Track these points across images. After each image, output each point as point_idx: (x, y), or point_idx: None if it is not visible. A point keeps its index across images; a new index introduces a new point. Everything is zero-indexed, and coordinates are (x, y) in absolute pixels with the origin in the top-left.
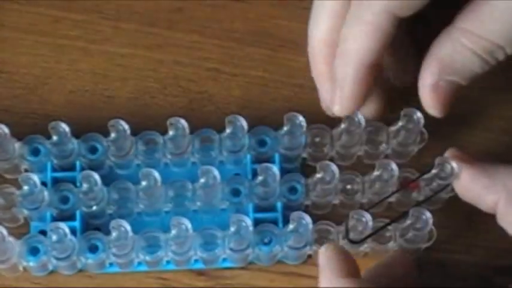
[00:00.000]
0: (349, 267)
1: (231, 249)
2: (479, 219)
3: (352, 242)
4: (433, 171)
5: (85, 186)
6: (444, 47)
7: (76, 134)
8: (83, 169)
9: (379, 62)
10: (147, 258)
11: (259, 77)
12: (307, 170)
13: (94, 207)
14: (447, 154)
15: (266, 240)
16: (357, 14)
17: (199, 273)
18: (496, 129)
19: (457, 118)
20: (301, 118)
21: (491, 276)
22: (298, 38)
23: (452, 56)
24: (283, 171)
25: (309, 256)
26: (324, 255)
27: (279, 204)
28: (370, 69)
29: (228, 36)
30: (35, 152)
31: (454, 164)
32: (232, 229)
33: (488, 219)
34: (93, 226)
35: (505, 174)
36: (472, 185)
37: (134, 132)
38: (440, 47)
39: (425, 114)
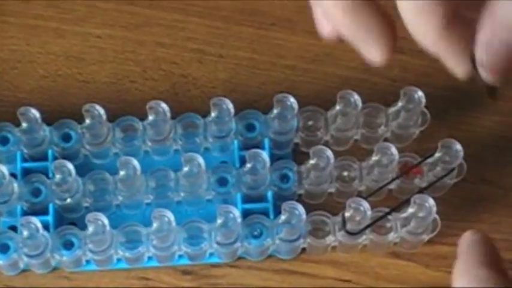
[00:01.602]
0: (491, 257)
1: (218, 243)
2: (488, 208)
3: (349, 233)
4: (437, 154)
5: (58, 177)
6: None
7: (48, 121)
8: (55, 159)
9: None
10: (127, 254)
11: (248, 58)
12: (299, 157)
13: (68, 200)
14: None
15: (256, 233)
16: None
17: (185, 271)
18: (505, 111)
19: (463, 99)
20: (292, 99)
21: None
22: (291, 16)
23: (507, 12)
24: (274, 158)
25: (303, 249)
26: (466, 240)
27: (269, 194)
28: (450, 26)
29: (214, 14)
30: (4, 141)
31: (459, 146)
32: (219, 221)
33: (498, 208)
34: (68, 220)
35: None
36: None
37: (112, 120)
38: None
39: (427, 94)
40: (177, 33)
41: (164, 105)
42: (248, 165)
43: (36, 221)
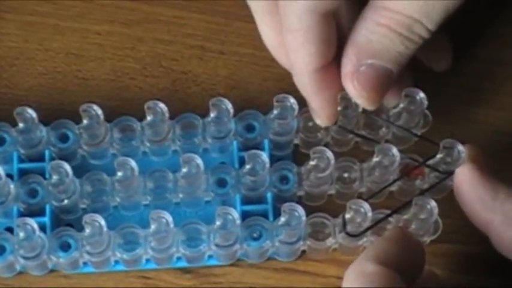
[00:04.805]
0: (388, 254)
1: (216, 245)
2: None
3: (350, 235)
4: (438, 155)
5: (55, 177)
6: (359, 29)
7: (45, 120)
8: (52, 159)
9: (330, 59)
10: (125, 256)
11: (249, 54)
12: (299, 158)
13: (65, 201)
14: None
15: (255, 235)
16: (284, 21)
17: (186, 270)
18: (511, 107)
19: (469, 96)
20: (292, 100)
21: (504, 270)
22: None
23: (368, 37)
24: (274, 159)
25: (303, 252)
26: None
27: (269, 195)
28: (324, 71)
29: (214, 10)
30: (0, 141)
31: (461, 147)
32: (217, 223)
33: None
34: (65, 222)
35: (504, 194)
36: (471, 193)
37: (111, 118)
38: (356, 29)
39: (429, 91)
40: (177, 30)
41: (162, 105)
42: (247, 167)
43: (32, 222)
